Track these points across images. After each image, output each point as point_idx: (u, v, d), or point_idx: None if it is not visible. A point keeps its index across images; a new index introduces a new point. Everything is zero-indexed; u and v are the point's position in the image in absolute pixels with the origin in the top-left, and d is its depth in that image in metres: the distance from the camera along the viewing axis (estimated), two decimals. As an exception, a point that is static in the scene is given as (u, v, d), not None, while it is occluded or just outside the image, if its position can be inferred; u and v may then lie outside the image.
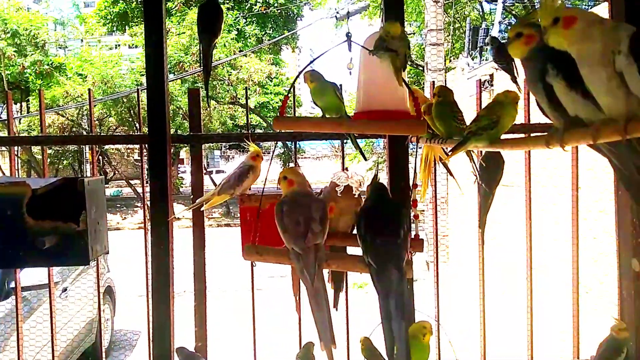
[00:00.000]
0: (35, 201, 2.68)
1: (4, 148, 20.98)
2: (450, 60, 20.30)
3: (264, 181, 2.52)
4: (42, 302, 7.19)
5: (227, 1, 28.00)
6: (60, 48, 29.99)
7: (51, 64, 25.73)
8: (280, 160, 29.33)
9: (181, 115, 25.01)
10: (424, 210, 15.85)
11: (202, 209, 3.16)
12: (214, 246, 2.36)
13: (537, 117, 2.48)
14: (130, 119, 26.48)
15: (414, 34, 26.65)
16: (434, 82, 4.03)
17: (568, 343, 3.49)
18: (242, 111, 26.84)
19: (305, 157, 38.68)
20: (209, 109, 24.54)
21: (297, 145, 3.75)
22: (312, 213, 2.26)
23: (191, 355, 3.22)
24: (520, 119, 2.35)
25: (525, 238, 3.50)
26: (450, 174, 3.16)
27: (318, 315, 2.21)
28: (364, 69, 2.42)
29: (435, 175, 3.56)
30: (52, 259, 2.76)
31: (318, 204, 2.33)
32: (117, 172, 34.08)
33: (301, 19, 31.93)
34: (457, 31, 24.05)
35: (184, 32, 24.45)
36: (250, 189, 3.01)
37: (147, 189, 3.27)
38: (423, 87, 17.71)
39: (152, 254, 3.18)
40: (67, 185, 2.72)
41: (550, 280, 8.40)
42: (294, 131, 3.40)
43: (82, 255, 2.71)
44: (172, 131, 3.24)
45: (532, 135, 3.03)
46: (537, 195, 6.01)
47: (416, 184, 2.57)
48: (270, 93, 28.60)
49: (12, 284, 6.41)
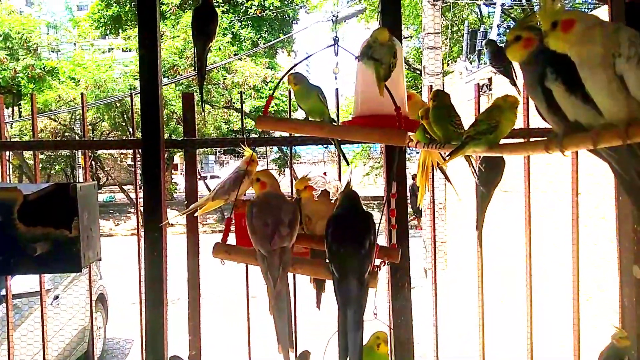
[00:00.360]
0: (26, 207, 2.67)
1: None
2: (448, 64, 20.35)
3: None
4: (33, 310, 7.18)
5: (222, 4, 27.98)
6: (52, 52, 30.01)
7: (43, 67, 25.72)
8: (275, 165, 29.35)
9: (175, 120, 24.99)
10: (420, 217, 15.86)
11: (196, 215, 3.16)
12: (209, 253, 2.34)
13: (536, 121, 2.49)
14: (124, 124, 26.49)
15: (412, 37, 26.72)
16: (431, 86, 4.03)
17: (568, 349, 3.48)
18: (237, 115, 26.85)
19: (301, 162, 38.66)
20: (203, 114, 24.56)
21: (293, 150, 3.75)
22: (282, 216, 2.27)
23: (185, 364, 3.22)
24: (519, 123, 2.35)
25: (524, 244, 3.49)
26: (447, 179, 3.15)
27: (278, 318, 2.22)
28: (360, 74, 2.43)
29: (433, 181, 3.56)
30: (43, 266, 2.75)
31: (288, 206, 2.34)
32: (110, 177, 34.06)
33: (297, 23, 31.91)
34: (455, 34, 24.11)
35: (178, 36, 24.43)
36: (245, 194, 3.01)
37: (141, 194, 3.27)
38: (420, 91, 17.74)
39: (145, 261, 3.18)
40: (59, 191, 2.71)
41: (550, 286, 8.40)
42: (290, 135, 3.40)
43: (74, 262, 2.70)
44: (166, 136, 3.23)
45: (531, 140, 3.02)
46: (536, 200, 6.01)
47: (395, 193, 2.57)
48: (266, 97, 28.54)
49: (3, 292, 6.39)
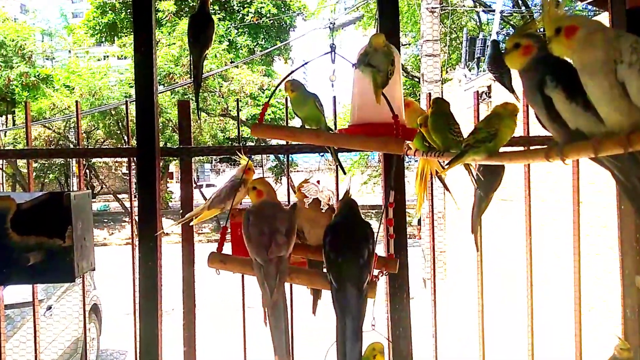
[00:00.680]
0: (20, 216, 2.67)
1: (-12, 161, 20.94)
2: (447, 72, 20.37)
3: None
4: (25, 321, 7.16)
5: (219, 11, 28.03)
6: (47, 59, 30.01)
7: (38, 75, 25.70)
8: (272, 174, 29.35)
9: (171, 128, 24.98)
10: (419, 226, 15.85)
11: (191, 224, 3.15)
12: (204, 262, 2.33)
13: (536, 129, 2.48)
14: (119, 132, 26.50)
15: (410, 44, 26.76)
16: (430, 93, 4.03)
17: (568, 356, 3.47)
18: (234, 123, 26.84)
19: (298, 171, 38.66)
20: (199, 121, 24.55)
21: (290, 158, 3.74)
22: (278, 225, 2.27)
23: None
24: (519, 131, 2.34)
25: (525, 253, 3.49)
26: (446, 188, 3.14)
27: (275, 329, 2.22)
28: (357, 81, 2.42)
29: (432, 190, 3.56)
30: (36, 276, 2.74)
31: (285, 215, 2.34)
32: (104, 186, 34.09)
33: (294, 30, 31.97)
34: (453, 42, 24.15)
35: (174, 43, 24.48)
36: (241, 203, 3.00)
37: (135, 203, 3.26)
38: (419, 98, 17.76)
39: (139, 271, 3.17)
40: (53, 200, 2.71)
41: (552, 295, 8.39)
42: (286, 143, 3.40)
43: (68, 272, 2.69)
44: (162, 144, 3.23)
45: (531, 148, 3.02)
46: (537, 210, 6.01)
47: (392, 202, 2.56)
48: (262, 105, 28.48)
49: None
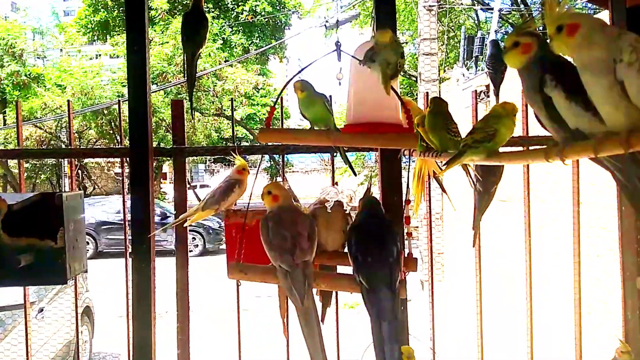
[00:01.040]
0: (11, 217, 2.66)
1: (-22, 162, 20.90)
2: (445, 71, 20.36)
3: (249, 196, 2.51)
4: (17, 323, 7.14)
5: (213, 9, 28.02)
6: (38, 58, 29.94)
7: (29, 74, 25.68)
8: (267, 174, 29.32)
9: (164, 128, 24.97)
10: (417, 227, 15.84)
11: (185, 225, 3.15)
12: (197, 265, 2.33)
13: (535, 129, 2.48)
14: (111, 132, 26.45)
15: (407, 43, 26.74)
16: (427, 93, 4.03)
17: (567, 357, 3.47)
18: (228, 123, 26.84)
19: (293, 171, 38.68)
20: (193, 121, 24.51)
21: (285, 159, 3.75)
22: (300, 229, 2.24)
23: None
24: (518, 131, 2.34)
25: (525, 255, 3.49)
26: (443, 190, 3.14)
27: (309, 336, 2.18)
28: (354, 79, 2.42)
29: (430, 191, 3.55)
30: (28, 278, 2.74)
31: (306, 219, 2.31)
32: (96, 186, 34.01)
33: (289, 28, 31.96)
34: (451, 40, 24.13)
35: (168, 42, 24.44)
36: (236, 204, 3.00)
37: (128, 204, 3.26)
38: (416, 98, 17.76)
39: (132, 273, 3.16)
40: (45, 201, 2.71)
41: (551, 295, 8.39)
42: (281, 144, 3.40)
43: (60, 273, 2.69)
44: (155, 144, 3.22)
45: (530, 148, 3.02)
46: (536, 211, 6.00)
47: (409, 199, 2.55)
48: (257, 104, 28.55)
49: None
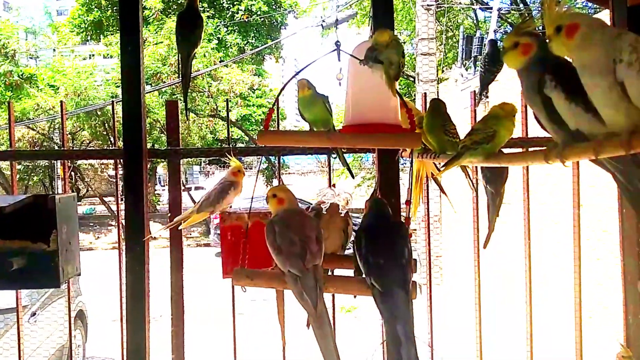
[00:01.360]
0: (3, 219, 2.66)
1: (-30, 163, 20.88)
2: (443, 71, 20.37)
3: (251, 198, 2.50)
4: (9, 327, 7.13)
5: (208, 9, 27.99)
6: (31, 58, 29.91)
7: (21, 74, 25.60)
8: (263, 176, 29.30)
9: (158, 129, 24.94)
10: (415, 230, 15.83)
11: (180, 228, 3.14)
12: (193, 267, 2.33)
13: (535, 130, 2.48)
14: (105, 133, 26.40)
15: (405, 43, 26.75)
16: (425, 93, 4.04)
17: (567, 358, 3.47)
18: (223, 124, 26.80)
19: (290, 173, 38.69)
20: (187, 122, 24.47)
21: (282, 160, 3.74)
22: (308, 232, 2.22)
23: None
24: (517, 132, 2.35)
25: (524, 259, 3.48)
26: (442, 191, 3.14)
27: (322, 342, 2.14)
28: (352, 80, 2.42)
29: (428, 192, 3.55)
30: (20, 281, 2.74)
31: (312, 222, 2.30)
32: (90, 188, 33.94)
33: (285, 28, 31.98)
34: (449, 40, 24.13)
35: (162, 42, 24.40)
36: (231, 206, 3.00)
37: (122, 206, 3.25)
38: (414, 98, 17.76)
39: (126, 276, 3.16)
40: (37, 203, 2.71)
41: (551, 297, 8.40)
42: (277, 145, 3.39)
43: (53, 277, 2.69)
44: (149, 145, 3.22)
45: (530, 149, 3.03)
46: (536, 213, 6.01)
47: (409, 200, 2.54)
48: (253, 105, 28.51)
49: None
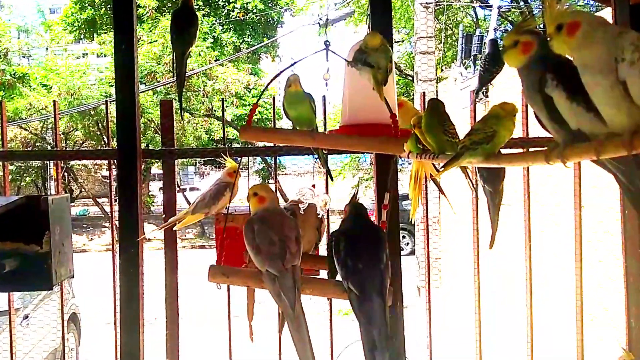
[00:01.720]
0: (-6, 221, 2.65)
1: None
2: (442, 70, 20.37)
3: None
4: (1, 331, 7.13)
5: (203, 7, 27.96)
6: (23, 57, 29.87)
7: (14, 74, 25.59)
8: (259, 177, 29.27)
9: (153, 129, 24.89)
10: (414, 232, 15.83)
11: (174, 229, 3.14)
12: (188, 269, 2.33)
13: (536, 130, 2.48)
14: (98, 133, 26.38)
15: (403, 41, 26.76)
16: (424, 93, 4.04)
17: None
18: (218, 124, 26.78)
19: (286, 173, 38.61)
20: (182, 122, 24.46)
21: (278, 161, 3.74)
22: (287, 232, 2.24)
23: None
24: (518, 132, 2.34)
25: (525, 262, 3.48)
26: (441, 192, 3.14)
27: (299, 342, 2.17)
28: (349, 80, 2.42)
29: (427, 194, 3.55)
30: (12, 284, 2.73)
31: (292, 222, 2.31)
32: (83, 189, 33.92)
33: (282, 26, 31.91)
34: (449, 39, 24.14)
35: (156, 40, 24.39)
36: (227, 207, 2.99)
37: (116, 207, 3.25)
38: (413, 98, 17.76)
39: (120, 278, 3.16)
40: (30, 204, 2.70)
41: (552, 299, 8.40)
42: (274, 145, 3.39)
43: (45, 279, 2.68)
44: (143, 146, 3.22)
45: (530, 150, 3.02)
46: (537, 214, 6.00)
47: (386, 204, 2.54)
48: (249, 105, 28.39)
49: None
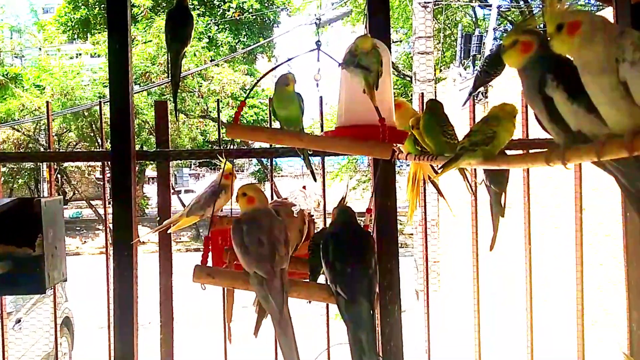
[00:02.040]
0: (-14, 224, 2.65)
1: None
2: (441, 70, 20.37)
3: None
4: (-7, 335, 7.12)
5: (198, 7, 27.95)
6: (16, 57, 29.91)
7: (6, 74, 25.60)
8: (255, 179, 29.27)
9: (147, 130, 24.89)
10: (412, 234, 15.82)
11: (169, 232, 3.14)
12: (182, 273, 2.33)
13: (536, 131, 2.48)
14: (92, 134, 26.37)
15: (401, 41, 26.76)
16: (422, 93, 4.06)
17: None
18: (214, 125, 26.75)
19: (282, 175, 38.62)
20: (177, 123, 24.45)
21: (274, 162, 3.73)
22: (277, 234, 2.23)
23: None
24: (518, 133, 2.34)
25: (525, 265, 3.48)
26: (440, 194, 3.14)
27: (285, 345, 2.18)
28: (344, 81, 2.42)
29: (425, 196, 3.55)
30: (4, 287, 2.73)
31: (281, 224, 2.31)
32: (76, 191, 33.89)
33: (278, 26, 31.92)
34: (447, 38, 24.15)
35: (151, 41, 24.36)
36: (222, 210, 2.99)
37: (110, 210, 3.25)
38: (411, 99, 17.76)
39: (114, 282, 3.15)
40: (22, 206, 2.70)
41: (552, 301, 8.40)
42: (270, 147, 3.39)
43: (38, 282, 2.68)
44: (137, 147, 3.22)
45: (531, 151, 3.02)
46: (537, 216, 6.01)
47: (370, 208, 2.53)
48: (245, 106, 28.41)
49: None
